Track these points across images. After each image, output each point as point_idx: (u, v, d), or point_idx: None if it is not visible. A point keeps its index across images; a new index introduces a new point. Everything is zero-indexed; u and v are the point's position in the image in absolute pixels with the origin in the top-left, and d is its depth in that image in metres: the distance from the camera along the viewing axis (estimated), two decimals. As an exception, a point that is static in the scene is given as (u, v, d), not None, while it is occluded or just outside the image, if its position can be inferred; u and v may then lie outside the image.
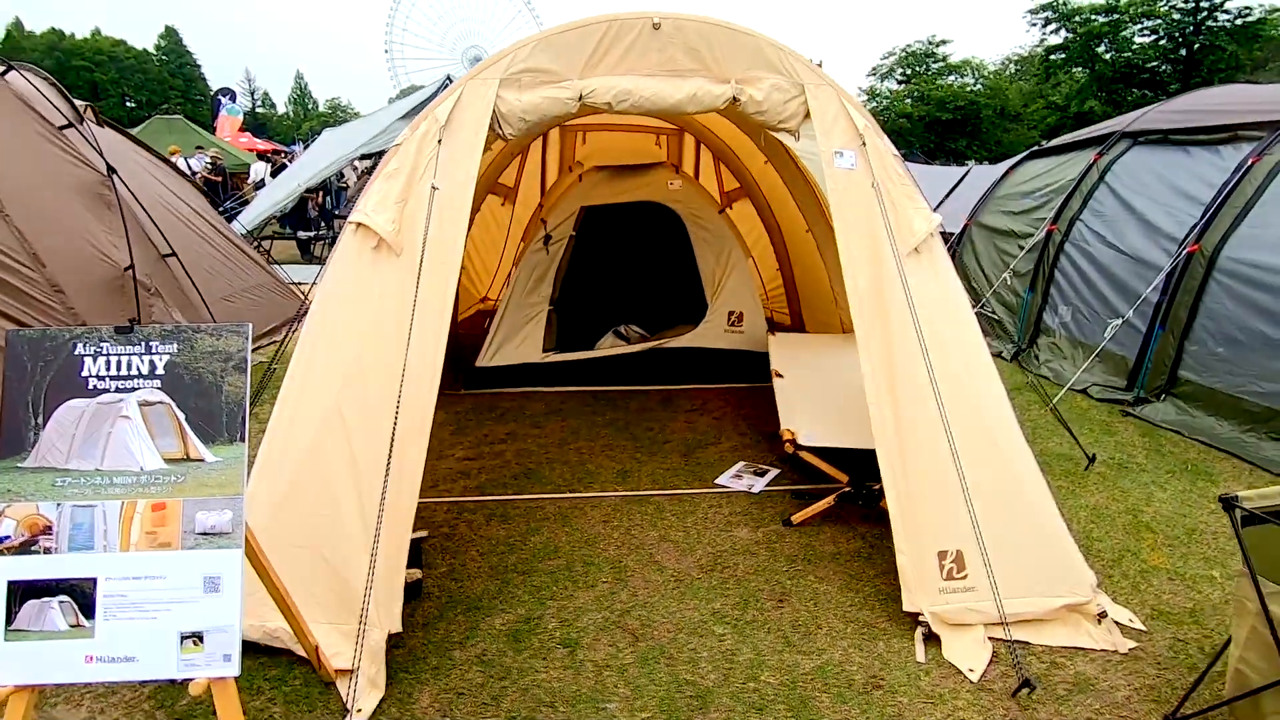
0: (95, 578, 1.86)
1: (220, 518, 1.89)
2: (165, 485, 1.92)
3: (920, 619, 2.91)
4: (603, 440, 4.90)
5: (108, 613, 1.86)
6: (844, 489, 3.86)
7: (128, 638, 1.85)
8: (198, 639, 1.85)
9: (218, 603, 1.87)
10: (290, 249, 13.73)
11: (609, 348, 6.14)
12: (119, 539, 1.88)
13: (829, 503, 3.81)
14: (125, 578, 1.87)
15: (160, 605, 1.86)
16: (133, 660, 1.84)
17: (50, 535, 1.88)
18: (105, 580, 1.87)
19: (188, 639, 1.85)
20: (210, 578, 1.87)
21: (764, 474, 4.37)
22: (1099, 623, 2.92)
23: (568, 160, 7.17)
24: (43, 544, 1.88)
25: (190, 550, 1.89)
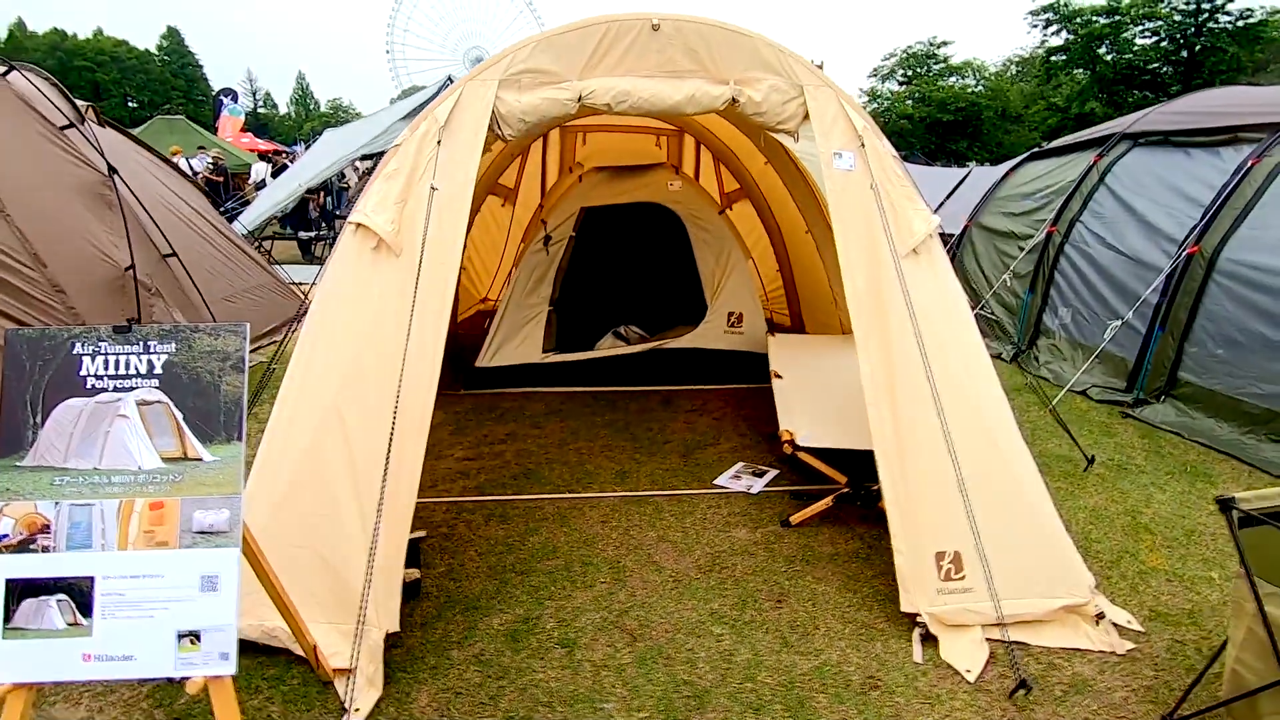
0: (93, 576, 1.87)
1: (218, 517, 1.90)
2: (163, 484, 1.92)
3: (918, 620, 2.91)
4: (602, 441, 4.90)
5: (105, 611, 1.86)
6: (842, 490, 3.86)
7: (125, 636, 1.86)
8: (195, 638, 1.85)
9: (215, 602, 1.87)
10: (291, 249, 13.74)
11: (609, 348, 6.15)
12: (117, 538, 1.89)
13: (827, 503, 3.81)
14: (123, 576, 1.87)
15: (158, 604, 1.86)
16: (130, 659, 1.85)
17: (48, 534, 1.89)
18: (103, 579, 1.87)
19: (185, 638, 1.85)
20: (207, 577, 1.88)
21: (763, 475, 4.37)
22: (1097, 624, 2.92)
23: (568, 161, 7.18)
24: (41, 542, 1.89)
25: (188, 549, 1.89)
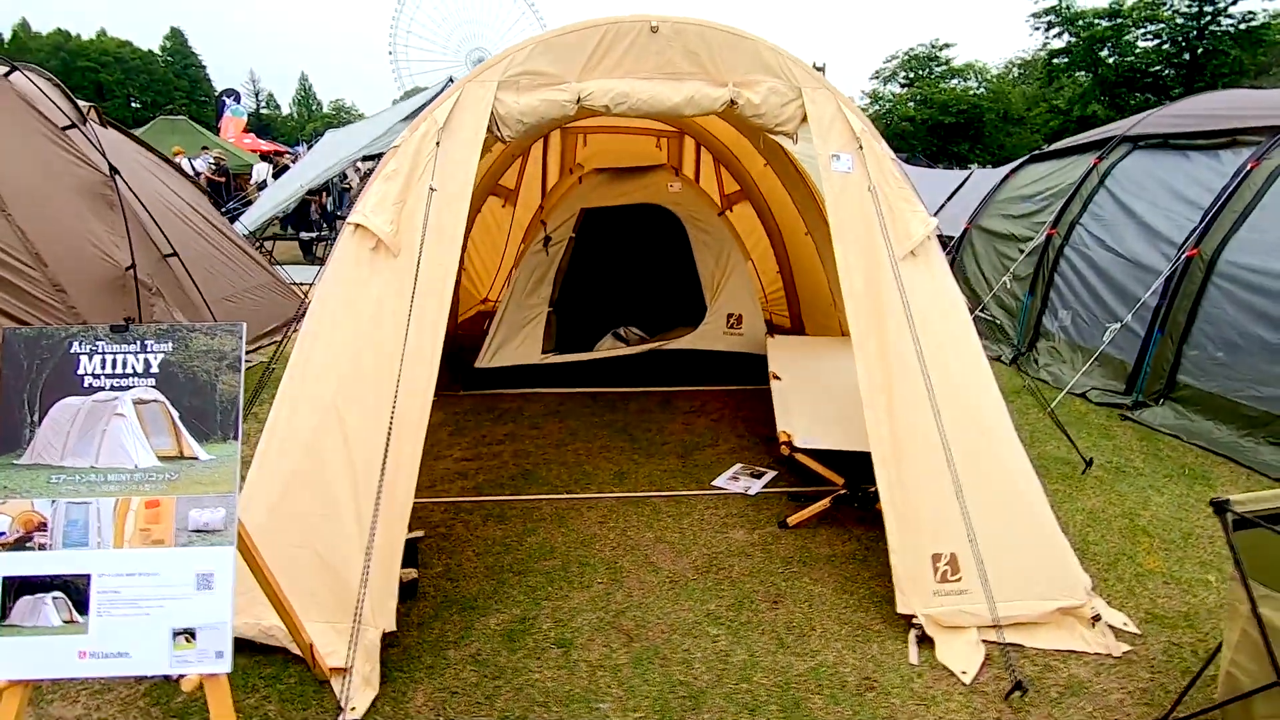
0: (89, 574, 1.88)
1: (213, 515, 1.91)
2: (159, 483, 1.93)
3: (914, 621, 2.91)
4: (601, 441, 4.90)
5: (101, 609, 1.87)
6: (840, 491, 3.87)
7: (121, 634, 1.86)
8: (190, 636, 1.86)
9: (210, 600, 1.88)
10: (291, 249, 13.77)
11: (608, 349, 6.15)
12: (113, 536, 1.90)
13: (825, 505, 3.81)
14: (119, 574, 1.88)
15: (153, 602, 1.87)
16: (126, 656, 1.86)
17: (45, 532, 1.90)
18: (99, 576, 1.88)
19: (180, 635, 1.86)
20: (203, 575, 1.89)
21: (761, 476, 4.38)
22: (1093, 626, 2.92)
23: (568, 162, 7.19)
24: (37, 540, 1.90)
25: (183, 547, 1.90)
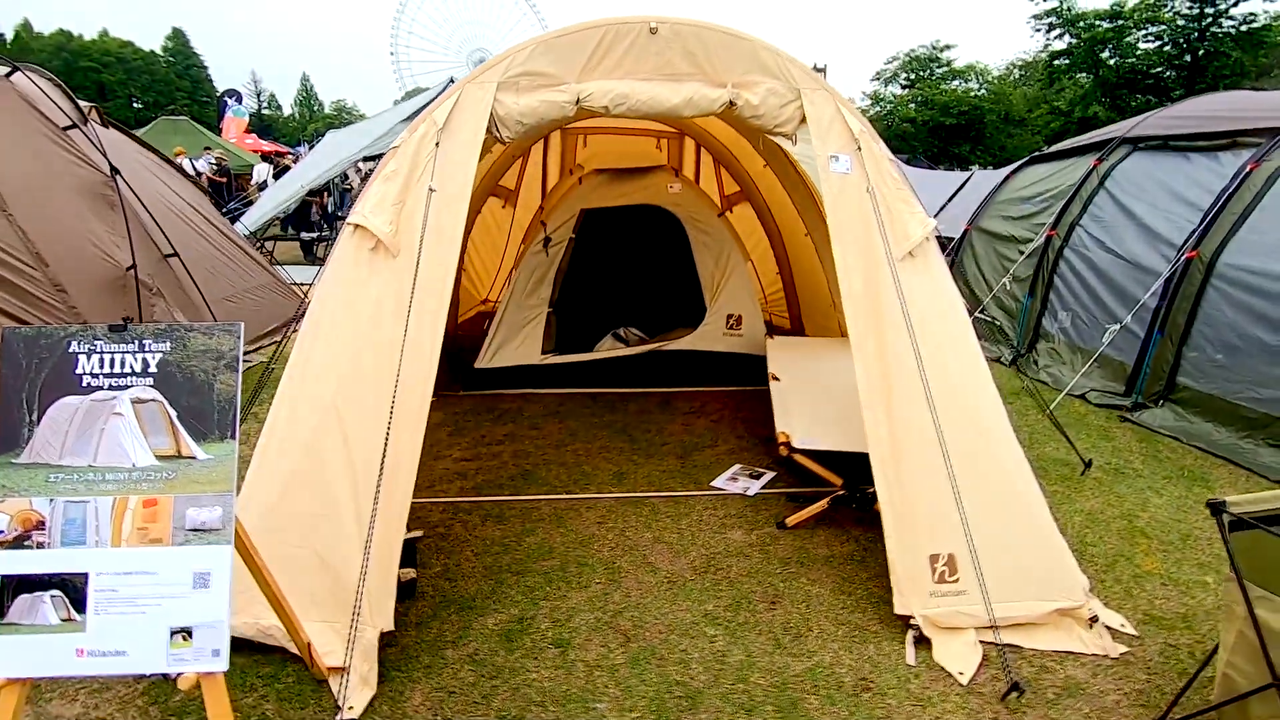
0: (87, 572, 1.89)
1: (210, 514, 1.91)
2: (157, 481, 1.94)
3: (911, 622, 2.91)
4: (600, 442, 4.91)
5: (99, 607, 1.88)
6: (838, 492, 3.87)
7: (118, 632, 1.87)
8: (187, 634, 1.87)
9: (207, 598, 1.89)
10: (292, 250, 13.78)
11: (608, 350, 6.16)
12: (111, 534, 1.90)
13: (823, 505, 3.81)
14: (116, 573, 1.89)
15: (150, 600, 1.88)
16: (123, 654, 1.87)
17: (43, 530, 1.90)
18: (96, 575, 1.89)
19: (177, 634, 1.87)
20: (200, 574, 1.89)
21: (760, 477, 4.38)
22: (1090, 627, 2.92)
23: (568, 163, 7.20)
24: (36, 539, 1.90)
25: (181, 546, 1.91)
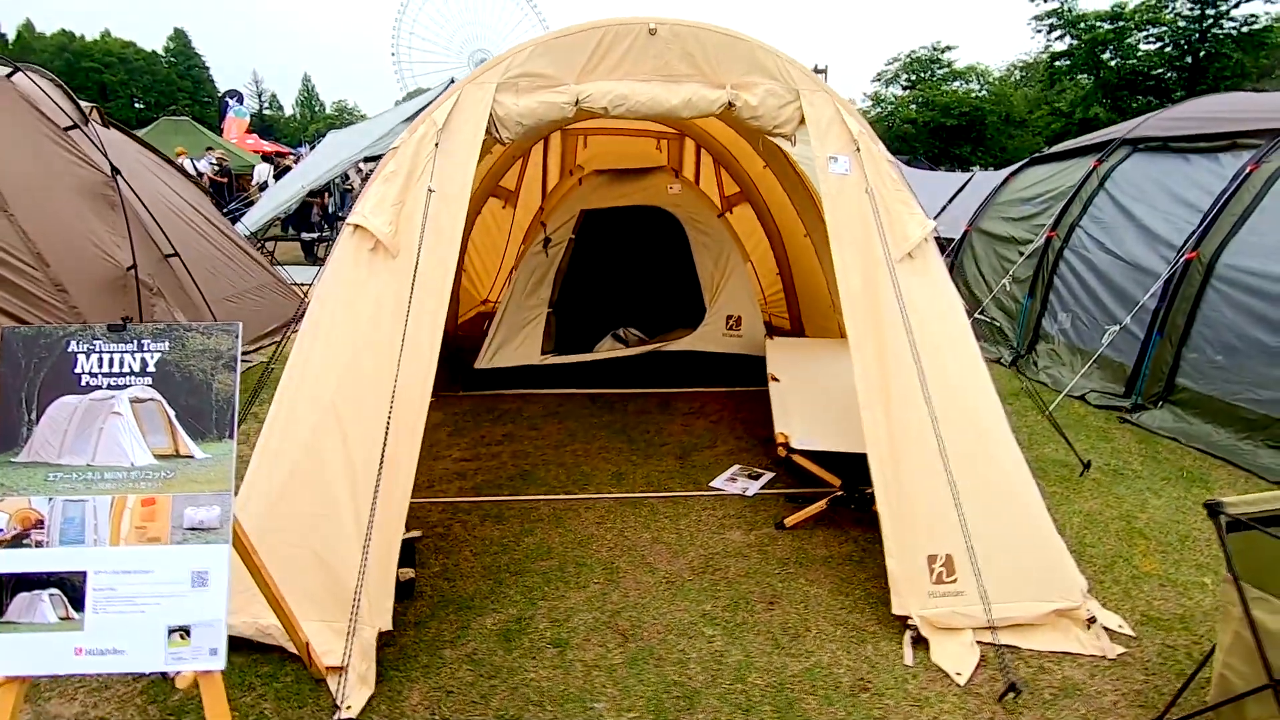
0: (85, 571, 1.89)
1: (209, 513, 1.92)
2: (155, 481, 1.94)
3: (909, 622, 2.92)
4: (599, 442, 4.91)
5: (97, 606, 1.88)
6: (837, 493, 3.87)
7: (116, 631, 1.87)
8: (185, 633, 1.87)
9: (205, 597, 1.89)
10: (293, 250, 13.79)
11: (607, 350, 6.16)
12: (109, 533, 1.91)
13: (821, 506, 3.82)
14: (114, 571, 1.89)
15: (148, 599, 1.88)
16: (121, 653, 1.87)
17: (41, 529, 1.91)
18: (95, 574, 1.89)
19: (175, 633, 1.87)
20: (198, 572, 1.90)
21: (758, 477, 4.38)
22: (1088, 628, 2.93)
23: (568, 164, 7.21)
24: (34, 537, 1.91)
25: (179, 545, 1.91)
